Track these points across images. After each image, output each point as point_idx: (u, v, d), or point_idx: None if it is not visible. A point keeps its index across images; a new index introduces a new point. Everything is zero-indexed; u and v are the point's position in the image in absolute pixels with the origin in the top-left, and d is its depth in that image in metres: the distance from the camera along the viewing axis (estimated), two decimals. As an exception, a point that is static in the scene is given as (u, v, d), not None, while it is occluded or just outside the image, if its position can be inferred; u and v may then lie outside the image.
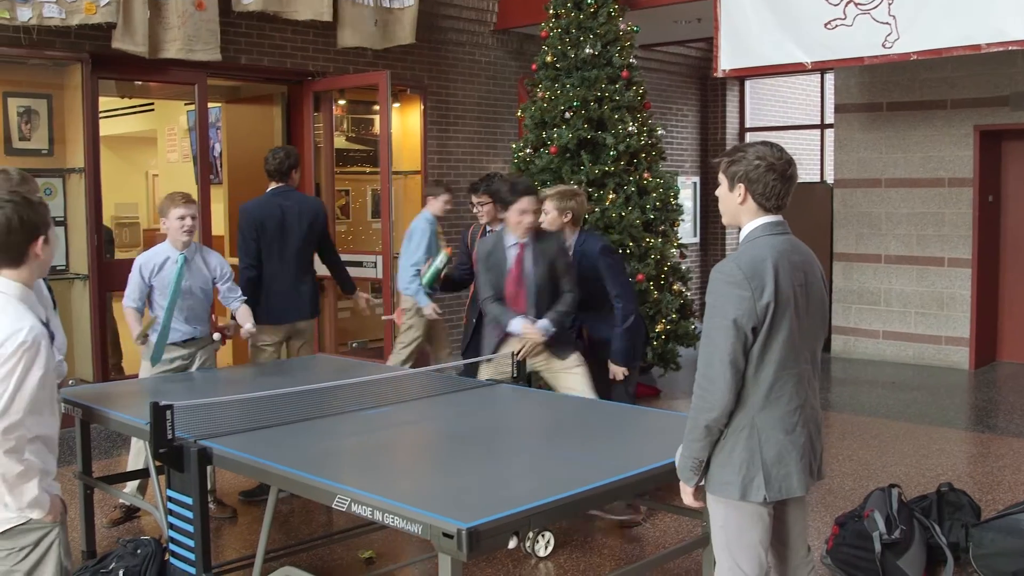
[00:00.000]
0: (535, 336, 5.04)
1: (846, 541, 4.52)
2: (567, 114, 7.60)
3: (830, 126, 12.17)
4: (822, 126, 13.40)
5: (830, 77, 12.24)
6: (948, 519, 4.77)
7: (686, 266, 8.89)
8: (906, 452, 6.77)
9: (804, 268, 3.05)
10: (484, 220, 5.83)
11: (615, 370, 5.37)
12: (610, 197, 7.39)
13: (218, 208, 9.51)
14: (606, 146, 7.54)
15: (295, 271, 6.00)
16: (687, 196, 13.22)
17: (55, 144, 7.71)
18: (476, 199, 5.85)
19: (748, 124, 14.14)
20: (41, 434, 3.00)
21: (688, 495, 3.11)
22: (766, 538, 3.09)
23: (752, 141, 3.14)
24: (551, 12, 8.02)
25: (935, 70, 9.70)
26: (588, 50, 7.68)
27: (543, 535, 4.89)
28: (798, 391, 3.02)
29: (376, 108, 9.50)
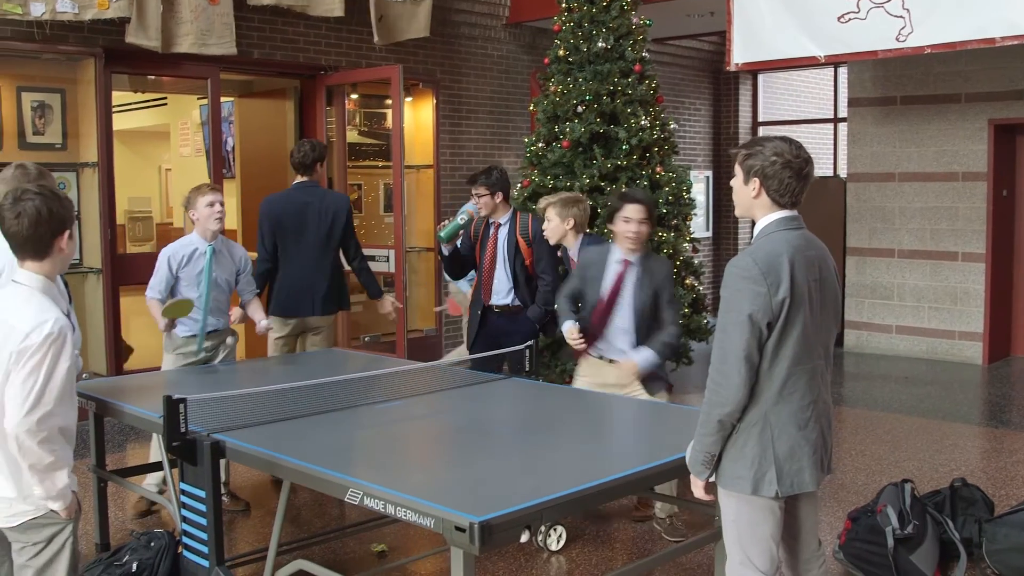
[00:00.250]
0: (631, 370, 4.78)
1: (858, 536, 4.51)
2: (580, 108, 7.58)
3: (843, 120, 12.12)
4: (835, 120, 13.35)
5: (843, 71, 12.19)
6: (961, 514, 4.76)
7: (699, 260, 8.87)
8: (919, 447, 6.76)
9: (819, 263, 3.04)
10: (484, 212, 5.85)
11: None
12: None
13: (231, 202, 9.49)
14: (619, 140, 7.52)
15: (311, 266, 5.97)
16: (700, 190, 13.19)
17: (68, 138, 7.73)
18: (474, 191, 5.87)
19: (761, 118, 14.10)
20: (62, 425, 3.04)
21: (699, 488, 3.11)
22: (777, 532, 3.09)
23: (771, 135, 3.12)
24: (564, 6, 7.99)
25: (949, 64, 9.64)
26: (601, 44, 7.66)
27: (555, 529, 4.90)
28: (811, 386, 3.02)
29: (388, 102, 9.50)
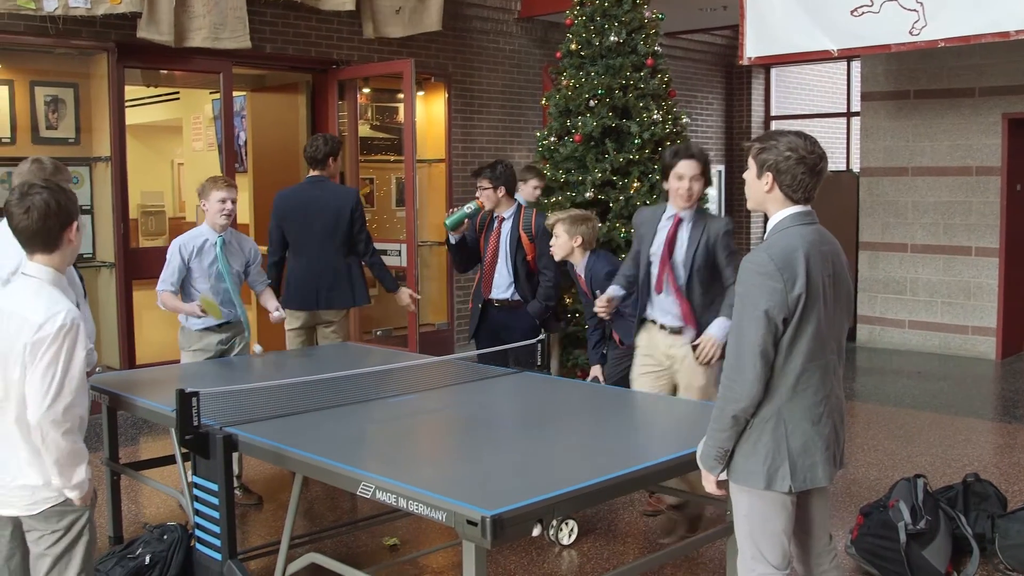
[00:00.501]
0: (713, 345, 4.50)
1: (871, 531, 4.50)
2: (592, 102, 7.56)
3: (856, 114, 12.08)
4: (848, 114, 13.30)
5: (856, 65, 12.15)
6: (974, 510, 4.74)
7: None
8: (932, 442, 6.73)
9: (832, 258, 3.04)
10: (487, 206, 5.88)
11: (595, 372, 5.46)
12: (635, 185, 7.35)
13: (243, 196, 9.49)
14: (631, 134, 7.50)
15: (318, 260, 5.98)
16: (712, 185, 13.15)
17: (81, 133, 7.76)
18: (479, 183, 5.90)
19: (774, 112, 14.06)
20: (82, 415, 3.08)
21: (711, 483, 3.11)
22: (789, 527, 3.09)
23: (786, 130, 3.10)
24: (576, 0, 7.98)
25: (963, 58, 9.59)
26: (613, 38, 7.63)
27: (567, 523, 4.90)
28: (824, 382, 3.01)
29: (400, 96, 9.50)
